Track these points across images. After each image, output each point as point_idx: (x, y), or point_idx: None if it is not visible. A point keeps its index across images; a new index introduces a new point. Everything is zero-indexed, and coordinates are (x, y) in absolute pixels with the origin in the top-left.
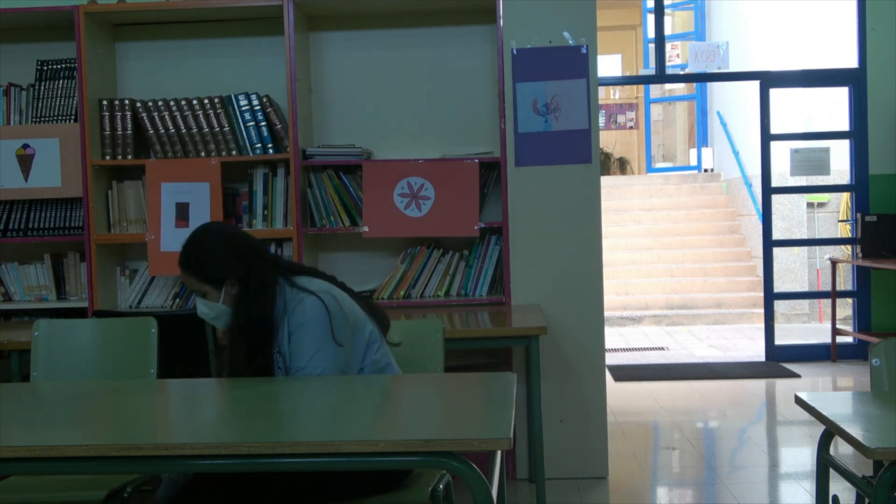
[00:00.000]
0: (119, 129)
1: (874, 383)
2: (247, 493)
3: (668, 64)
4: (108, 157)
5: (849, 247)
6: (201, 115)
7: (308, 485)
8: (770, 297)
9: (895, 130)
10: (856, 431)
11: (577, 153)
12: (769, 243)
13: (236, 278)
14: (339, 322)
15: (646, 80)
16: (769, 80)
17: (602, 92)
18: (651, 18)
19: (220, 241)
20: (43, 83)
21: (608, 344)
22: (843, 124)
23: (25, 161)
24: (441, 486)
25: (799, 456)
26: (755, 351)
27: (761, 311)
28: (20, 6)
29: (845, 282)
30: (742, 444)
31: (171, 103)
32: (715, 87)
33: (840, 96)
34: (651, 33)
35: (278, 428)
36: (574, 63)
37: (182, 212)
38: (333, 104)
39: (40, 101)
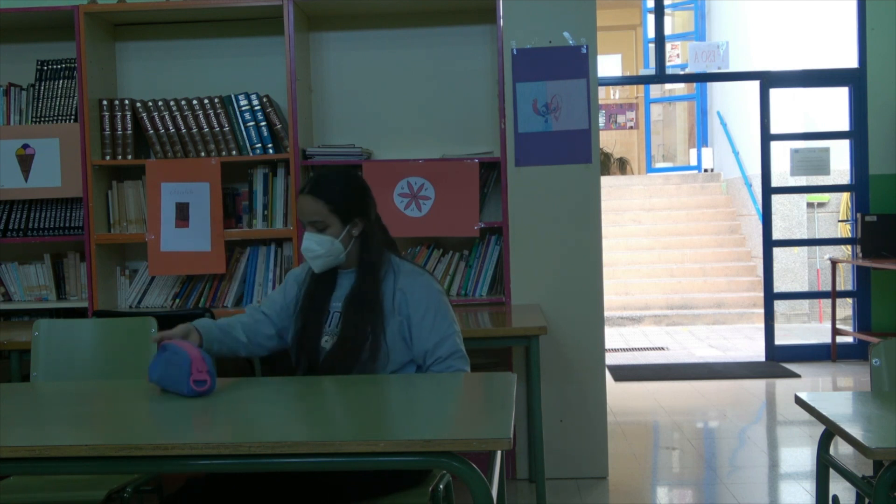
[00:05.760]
0: (119, 129)
1: (874, 383)
2: (252, 492)
3: (668, 64)
4: (108, 157)
5: (849, 247)
6: (201, 115)
7: (319, 485)
8: (770, 297)
9: (895, 130)
10: (856, 431)
11: (577, 153)
12: (769, 243)
13: (365, 219)
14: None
15: (646, 80)
16: (769, 80)
17: (602, 92)
18: (651, 18)
19: (362, 183)
20: (43, 83)
21: (608, 344)
22: (843, 124)
23: (25, 161)
24: (441, 486)
25: (799, 456)
26: (755, 351)
27: (761, 311)
28: (20, 6)
29: (845, 282)
30: (742, 444)
31: (171, 103)
32: (715, 87)
33: (840, 96)
34: (651, 33)
35: (278, 428)
36: (574, 63)
37: (182, 212)
38: (333, 104)
39: (40, 101)
